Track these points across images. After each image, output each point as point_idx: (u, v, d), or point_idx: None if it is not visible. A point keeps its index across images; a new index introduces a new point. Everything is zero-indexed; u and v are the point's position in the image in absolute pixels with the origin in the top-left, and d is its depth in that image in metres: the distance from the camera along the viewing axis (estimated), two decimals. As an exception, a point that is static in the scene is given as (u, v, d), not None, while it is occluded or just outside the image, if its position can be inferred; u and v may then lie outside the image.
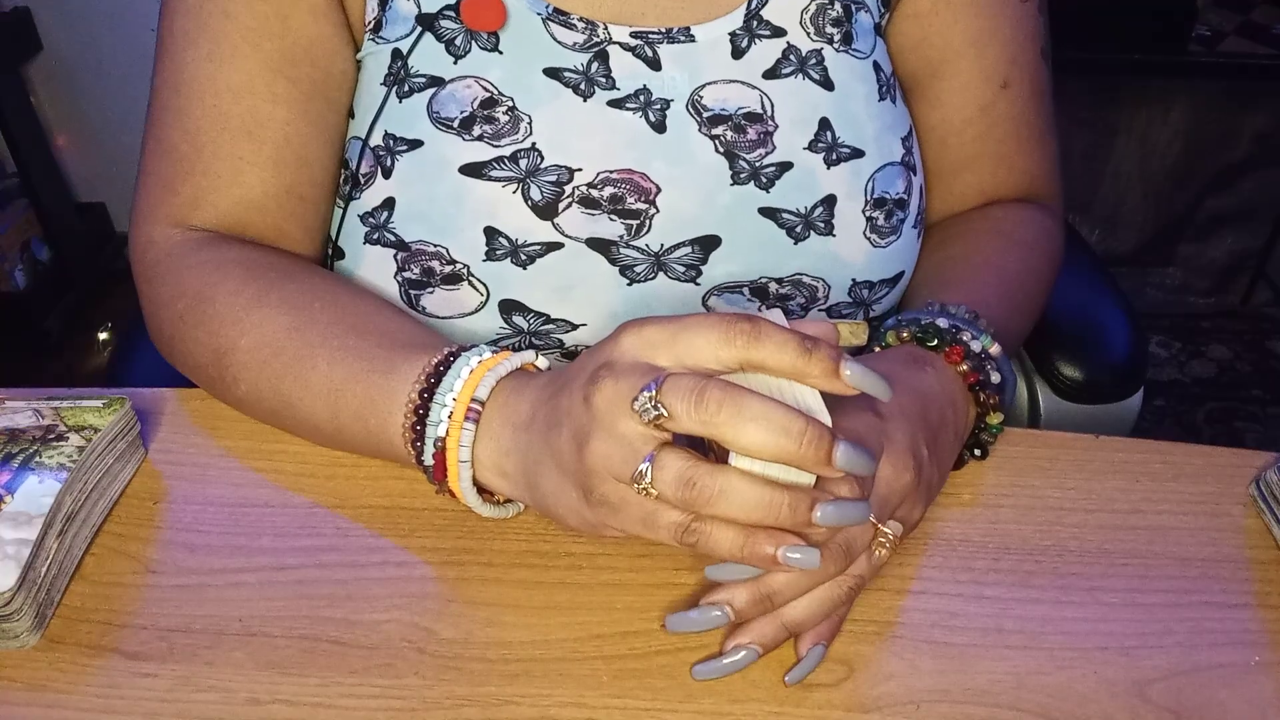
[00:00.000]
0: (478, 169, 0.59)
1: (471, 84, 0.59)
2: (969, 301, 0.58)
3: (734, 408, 0.39)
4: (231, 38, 0.59)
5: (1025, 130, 0.70)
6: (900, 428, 0.48)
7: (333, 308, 0.56)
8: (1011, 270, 0.66)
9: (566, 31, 0.60)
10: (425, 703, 0.45)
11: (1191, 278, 2.00)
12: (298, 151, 0.61)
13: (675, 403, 0.39)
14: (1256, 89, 1.79)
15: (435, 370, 0.49)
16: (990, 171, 0.70)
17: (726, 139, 0.61)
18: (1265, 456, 0.58)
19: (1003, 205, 0.72)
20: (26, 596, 0.47)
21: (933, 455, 0.50)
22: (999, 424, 0.56)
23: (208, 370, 0.58)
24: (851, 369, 0.40)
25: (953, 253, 0.68)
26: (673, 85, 0.61)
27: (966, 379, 0.54)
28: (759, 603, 0.44)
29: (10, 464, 0.51)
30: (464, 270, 0.60)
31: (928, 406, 0.51)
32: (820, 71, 0.62)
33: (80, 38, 1.85)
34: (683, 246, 0.61)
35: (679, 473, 0.40)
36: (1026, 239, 0.69)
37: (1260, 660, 0.47)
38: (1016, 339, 0.65)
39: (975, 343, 0.55)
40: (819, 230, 0.62)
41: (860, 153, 0.62)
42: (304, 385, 0.54)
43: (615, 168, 0.60)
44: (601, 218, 0.60)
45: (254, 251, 0.60)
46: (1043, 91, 0.70)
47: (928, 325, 0.55)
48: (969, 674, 0.47)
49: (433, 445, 0.48)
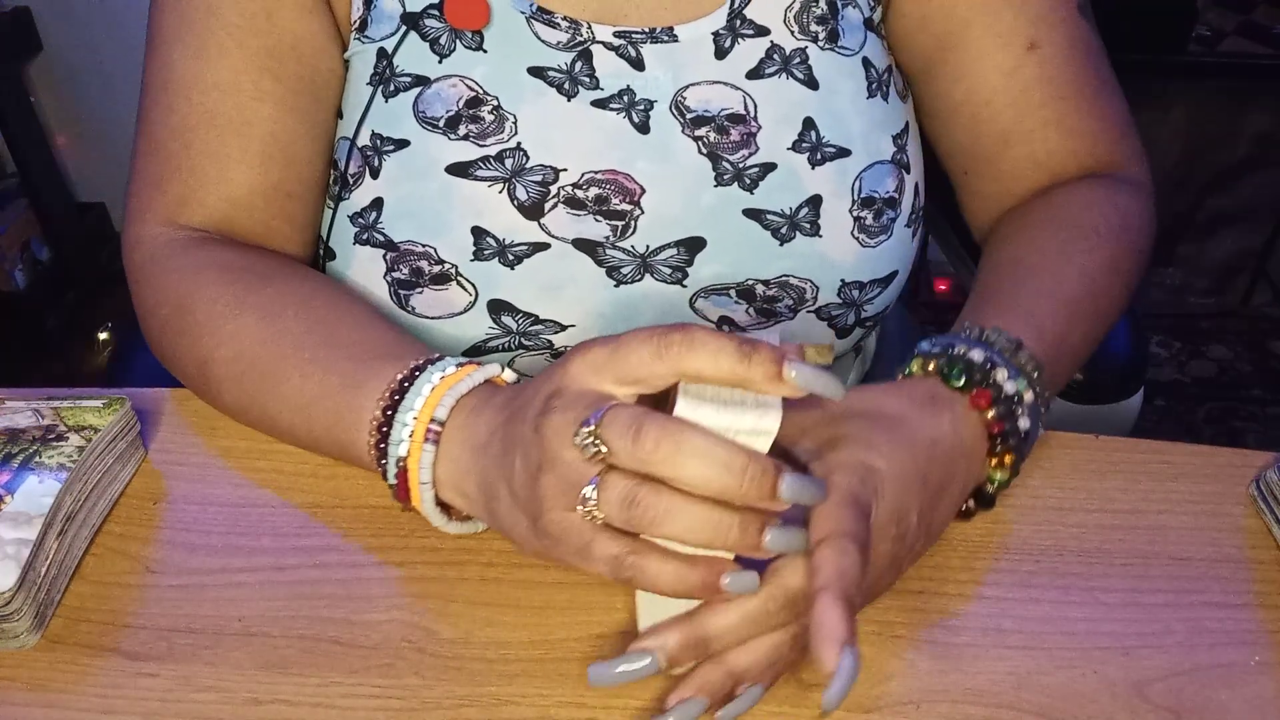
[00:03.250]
0: (464, 168, 0.59)
1: (456, 83, 0.59)
2: (1018, 319, 0.53)
3: (672, 445, 0.38)
4: (217, 35, 0.59)
5: (1069, 89, 0.64)
6: (892, 486, 0.44)
7: (305, 316, 0.55)
8: (1073, 270, 0.58)
9: (550, 30, 0.60)
10: (425, 703, 0.45)
11: (1191, 278, 2.00)
12: (285, 149, 0.61)
13: (613, 439, 0.38)
14: (1256, 89, 1.79)
15: (399, 386, 0.49)
16: (1039, 139, 0.64)
17: (710, 140, 0.60)
18: (1265, 456, 0.57)
19: (1066, 188, 0.64)
20: (26, 596, 0.47)
21: (923, 519, 0.46)
22: (1004, 480, 0.51)
23: (194, 379, 0.59)
24: (797, 370, 0.38)
25: (1006, 256, 0.62)
26: (656, 86, 0.60)
27: (989, 428, 0.49)
28: (693, 647, 0.41)
29: (10, 464, 0.51)
30: (452, 270, 0.60)
31: (933, 461, 0.46)
32: (804, 70, 0.61)
33: (80, 38, 1.85)
34: (668, 248, 0.61)
35: (623, 492, 0.39)
36: (1094, 225, 0.60)
37: (1260, 660, 0.47)
38: (1080, 350, 0.58)
39: (1010, 384, 0.49)
40: (805, 231, 0.61)
41: (846, 152, 0.61)
42: (279, 399, 0.54)
43: (600, 168, 0.60)
44: (587, 218, 0.60)
45: (233, 254, 0.59)
46: (1087, 48, 0.64)
47: (958, 358, 0.50)
48: (969, 674, 0.47)
49: (395, 464, 0.48)
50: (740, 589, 0.40)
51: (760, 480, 0.38)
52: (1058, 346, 0.54)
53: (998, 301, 0.56)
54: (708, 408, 0.39)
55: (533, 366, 0.66)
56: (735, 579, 0.40)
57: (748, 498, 0.38)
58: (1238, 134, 1.83)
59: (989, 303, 0.57)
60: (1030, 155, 0.65)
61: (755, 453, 0.38)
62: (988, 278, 0.60)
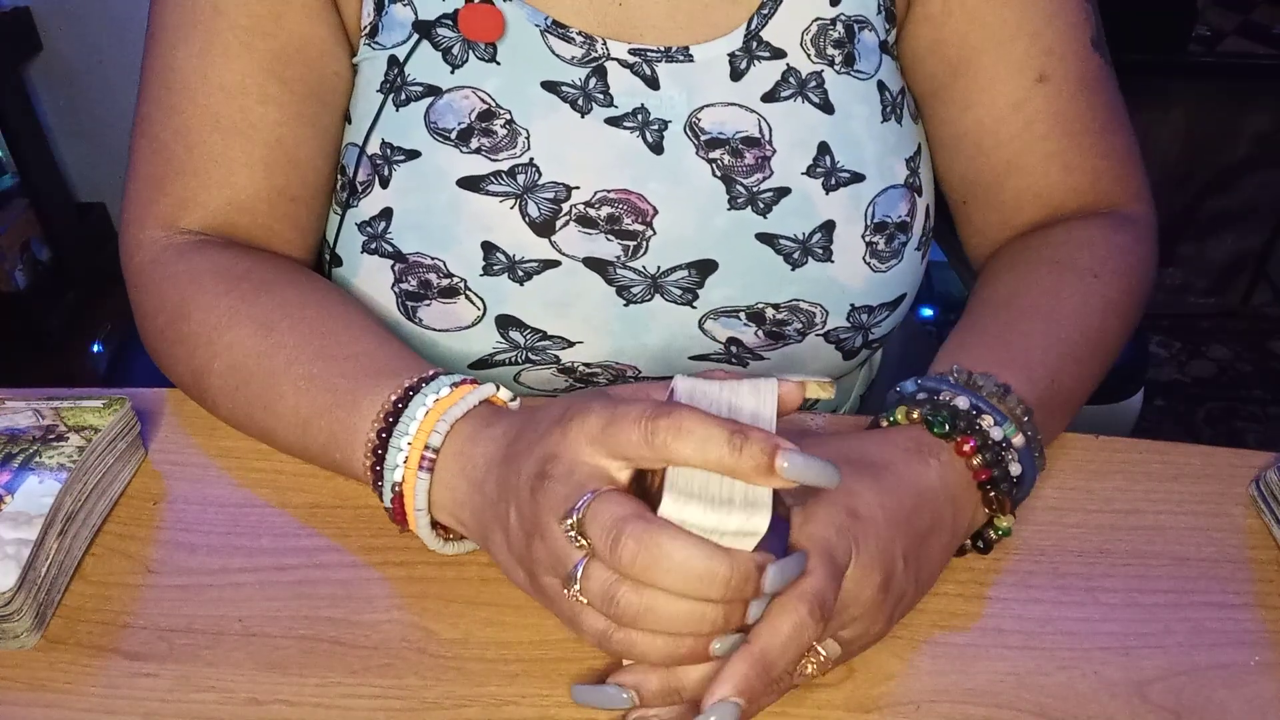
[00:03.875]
0: (475, 182, 0.59)
1: (469, 94, 0.59)
2: (1007, 362, 0.52)
3: (649, 558, 0.37)
4: (223, 36, 0.58)
5: (1076, 125, 0.63)
6: (874, 533, 0.43)
7: (301, 327, 0.55)
8: (1067, 312, 0.57)
9: (565, 45, 0.59)
10: (425, 703, 0.45)
11: (1191, 278, 2.00)
12: (290, 153, 0.60)
13: (594, 540, 0.39)
14: (1256, 89, 1.79)
15: (393, 408, 0.49)
16: (1041, 173, 0.64)
17: (724, 163, 0.60)
18: (1265, 456, 0.57)
19: (1064, 227, 0.64)
20: (26, 596, 0.47)
21: (911, 566, 0.45)
22: (1007, 527, 0.50)
23: (190, 388, 0.59)
24: (790, 461, 0.37)
25: (999, 294, 0.60)
26: (671, 106, 0.60)
27: (976, 475, 0.48)
28: (667, 694, 0.42)
29: (10, 464, 0.51)
30: (461, 284, 0.60)
31: (919, 508, 0.46)
32: (820, 94, 0.61)
33: (80, 38, 1.85)
34: (679, 270, 0.61)
35: (603, 588, 0.39)
36: (1090, 266, 0.59)
37: (1260, 660, 0.47)
38: (1076, 391, 0.56)
39: (996, 430, 0.48)
40: (817, 256, 0.61)
41: (861, 177, 0.61)
42: (274, 415, 0.54)
43: (612, 187, 0.59)
44: (599, 237, 0.60)
45: (232, 260, 0.58)
46: (1096, 83, 0.64)
47: (943, 406, 0.49)
48: (969, 674, 0.47)
49: (391, 489, 0.48)
50: (729, 651, 0.40)
51: (742, 586, 0.38)
52: (1049, 389, 0.53)
53: (987, 342, 0.55)
54: (694, 506, 0.38)
55: (539, 380, 0.65)
56: (723, 644, 0.39)
57: (729, 601, 0.38)
58: (1238, 134, 1.83)
59: (978, 343, 0.56)
60: (1031, 188, 0.65)
61: (738, 558, 0.38)
62: (978, 316, 0.59)
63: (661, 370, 0.64)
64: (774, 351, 0.64)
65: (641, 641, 0.40)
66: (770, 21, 0.60)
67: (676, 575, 0.37)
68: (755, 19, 0.60)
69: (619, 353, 0.63)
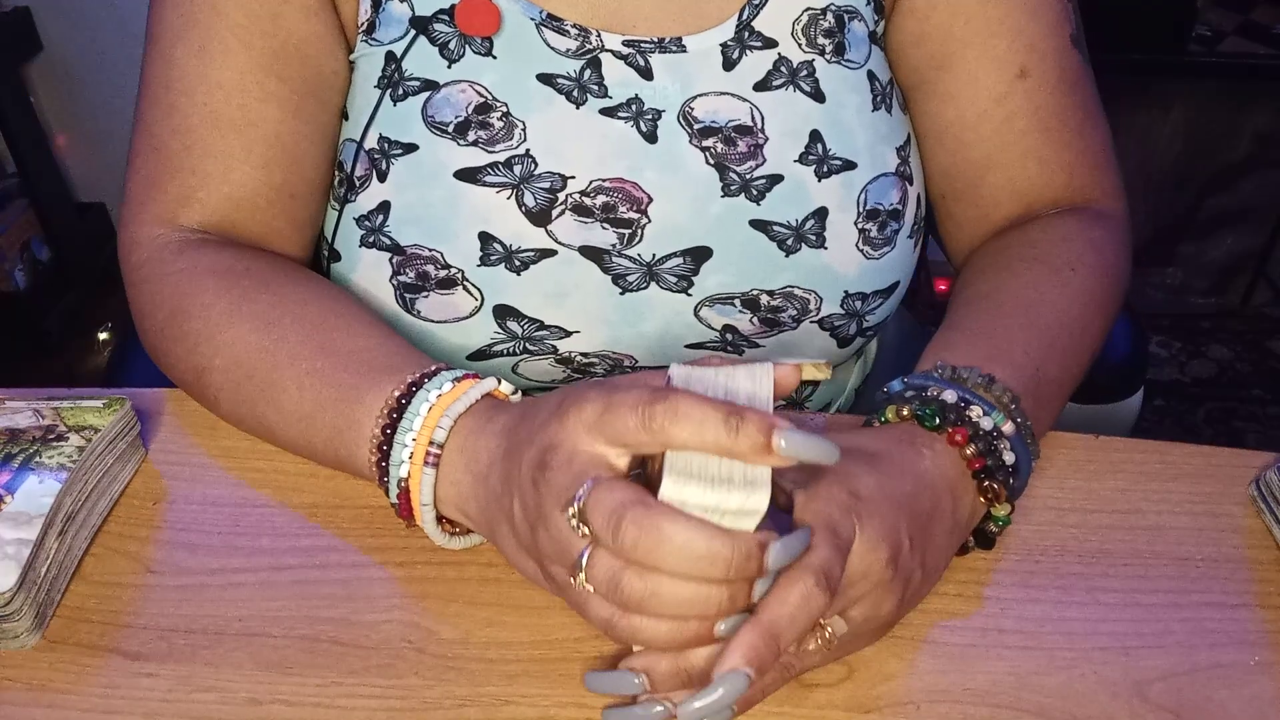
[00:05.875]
0: (472, 174, 0.59)
1: (466, 88, 0.59)
2: (991, 355, 0.53)
3: (651, 541, 0.37)
4: (222, 34, 0.58)
5: (1054, 121, 0.64)
6: (877, 510, 0.43)
7: (302, 324, 0.55)
8: (1047, 305, 0.58)
9: (559, 37, 0.60)
10: (425, 703, 0.45)
11: (1191, 278, 2.00)
12: (289, 150, 0.61)
13: (595, 527, 0.39)
14: (1256, 89, 1.79)
15: (397, 404, 0.49)
16: (1018, 168, 0.65)
17: (717, 151, 0.60)
18: (1265, 456, 0.58)
19: (1041, 223, 0.65)
20: (26, 596, 0.47)
21: (917, 546, 0.45)
22: (1006, 515, 0.50)
23: (191, 386, 0.59)
24: (787, 439, 0.37)
25: (980, 291, 0.61)
26: (664, 95, 0.60)
27: (970, 464, 0.48)
28: (677, 676, 0.42)
29: (10, 464, 0.51)
30: (459, 275, 0.60)
31: (918, 493, 0.46)
32: (811, 83, 0.61)
33: (80, 38, 1.85)
34: (674, 257, 0.61)
35: (608, 574, 0.39)
36: (1067, 260, 0.60)
37: (1260, 660, 0.47)
38: (1059, 386, 0.57)
39: (986, 419, 0.49)
40: (810, 243, 0.61)
41: (852, 164, 0.62)
42: (277, 410, 0.54)
43: (607, 176, 0.60)
44: (594, 226, 0.60)
45: (231, 257, 0.59)
46: (1075, 80, 0.65)
47: (931, 400, 0.50)
48: (969, 674, 0.47)
49: (396, 485, 0.48)
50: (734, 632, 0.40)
51: (745, 565, 0.38)
52: (1035, 378, 0.53)
53: (970, 339, 0.56)
54: (694, 486, 0.38)
55: (537, 370, 0.66)
56: (728, 624, 0.40)
57: (733, 580, 0.38)
58: (1238, 134, 1.83)
59: (962, 339, 0.56)
60: (1009, 183, 0.65)
61: (739, 537, 0.38)
62: (961, 314, 0.59)
63: (658, 360, 0.65)
64: (769, 339, 0.65)
65: (647, 626, 0.40)
66: (761, 12, 0.61)
67: (678, 558, 0.37)
68: (747, 9, 0.61)
69: (615, 341, 0.64)
